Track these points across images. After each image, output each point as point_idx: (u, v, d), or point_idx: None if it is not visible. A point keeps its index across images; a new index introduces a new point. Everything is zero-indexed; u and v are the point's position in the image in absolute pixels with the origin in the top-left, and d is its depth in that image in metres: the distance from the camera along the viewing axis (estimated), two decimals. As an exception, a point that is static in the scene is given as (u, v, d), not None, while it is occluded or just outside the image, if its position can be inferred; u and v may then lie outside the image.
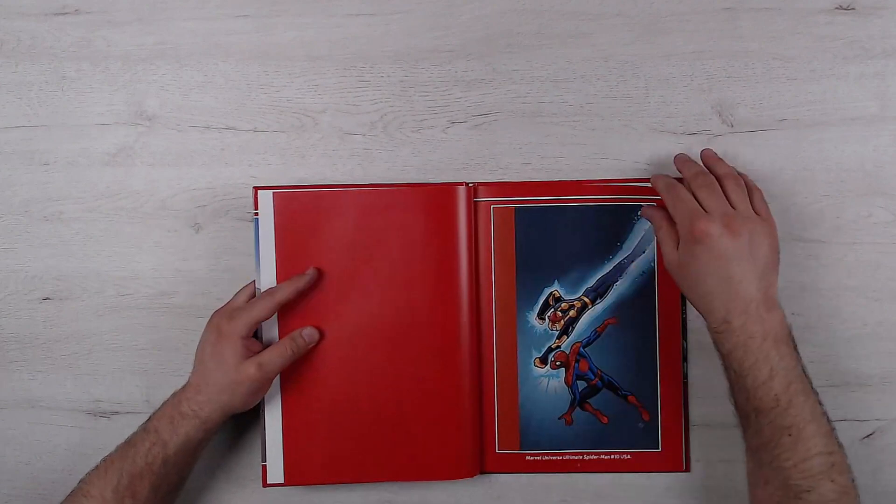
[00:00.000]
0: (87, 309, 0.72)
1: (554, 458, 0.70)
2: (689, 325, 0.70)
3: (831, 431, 0.58)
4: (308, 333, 0.68)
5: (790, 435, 0.57)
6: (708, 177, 0.64)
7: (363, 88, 0.72)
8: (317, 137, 0.72)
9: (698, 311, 0.62)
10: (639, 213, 0.69)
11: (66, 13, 0.72)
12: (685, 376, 0.70)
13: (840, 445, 0.58)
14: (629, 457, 0.70)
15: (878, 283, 0.70)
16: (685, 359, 0.70)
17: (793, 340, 0.60)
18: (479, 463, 0.70)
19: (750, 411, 0.59)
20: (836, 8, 0.70)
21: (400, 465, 0.69)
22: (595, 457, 0.70)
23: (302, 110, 0.72)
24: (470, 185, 0.70)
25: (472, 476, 0.69)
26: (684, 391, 0.70)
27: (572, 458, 0.70)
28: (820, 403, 0.59)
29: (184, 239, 0.72)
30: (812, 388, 0.59)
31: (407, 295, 0.68)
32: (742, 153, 0.70)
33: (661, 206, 0.65)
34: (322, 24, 0.72)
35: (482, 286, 0.70)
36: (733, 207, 0.62)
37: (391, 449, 0.69)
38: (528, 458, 0.70)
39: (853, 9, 0.70)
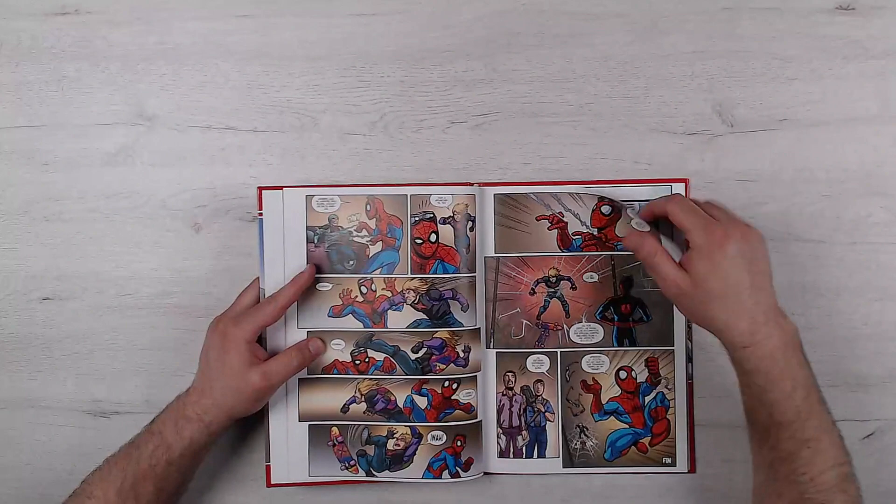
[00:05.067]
0: (87, 309, 0.72)
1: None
2: (693, 325, 0.70)
3: (842, 440, 0.58)
4: (315, 346, 0.68)
5: (809, 447, 0.57)
6: (699, 204, 0.64)
7: (363, 88, 0.72)
8: (317, 137, 0.72)
9: (716, 330, 0.60)
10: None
11: (66, 13, 0.72)
12: (690, 377, 0.70)
13: (848, 454, 0.58)
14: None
15: (878, 283, 0.70)
16: (690, 360, 0.70)
17: (802, 347, 0.60)
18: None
19: (771, 425, 0.58)
20: (836, 8, 0.70)
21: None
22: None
23: (302, 110, 0.72)
24: (474, 184, 0.70)
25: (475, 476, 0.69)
26: (690, 393, 0.70)
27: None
28: (829, 412, 0.59)
29: (184, 239, 0.72)
30: (823, 396, 0.59)
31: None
32: (742, 153, 0.70)
33: (643, 235, 0.63)
34: (322, 24, 0.72)
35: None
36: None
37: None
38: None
39: (853, 9, 0.70)
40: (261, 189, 0.69)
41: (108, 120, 0.72)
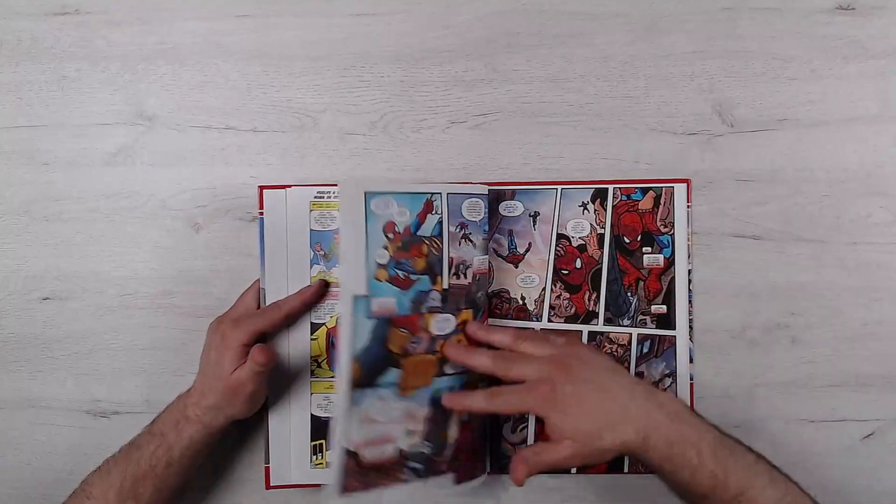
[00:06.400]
0: (87, 309, 0.72)
1: None
2: (695, 325, 0.70)
3: (772, 471, 0.57)
4: (258, 355, 0.63)
5: (740, 502, 0.56)
6: (501, 358, 0.62)
7: (363, 88, 0.72)
8: (317, 137, 0.72)
9: (618, 453, 0.58)
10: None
11: (66, 13, 0.72)
12: (692, 378, 0.70)
13: (787, 479, 0.57)
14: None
15: (878, 283, 0.70)
16: (692, 360, 0.70)
17: (688, 406, 0.60)
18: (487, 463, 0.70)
19: (699, 499, 0.58)
20: (836, 8, 0.70)
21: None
22: None
23: (302, 110, 0.72)
24: (476, 184, 0.69)
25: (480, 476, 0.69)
26: (692, 393, 0.70)
27: None
28: (749, 449, 0.58)
29: (184, 239, 0.72)
30: (731, 438, 0.59)
31: None
32: (742, 153, 0.70)
33: (514, 464, 0.59)
34: (322, 24, 0.72)
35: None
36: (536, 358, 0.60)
37: None
38: None
39: (853, 9, 0.70)
40: (261, 188, 0.69)
41: (108, 120, 0.72)
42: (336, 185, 0.69)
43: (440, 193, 0.64)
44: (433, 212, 0.64)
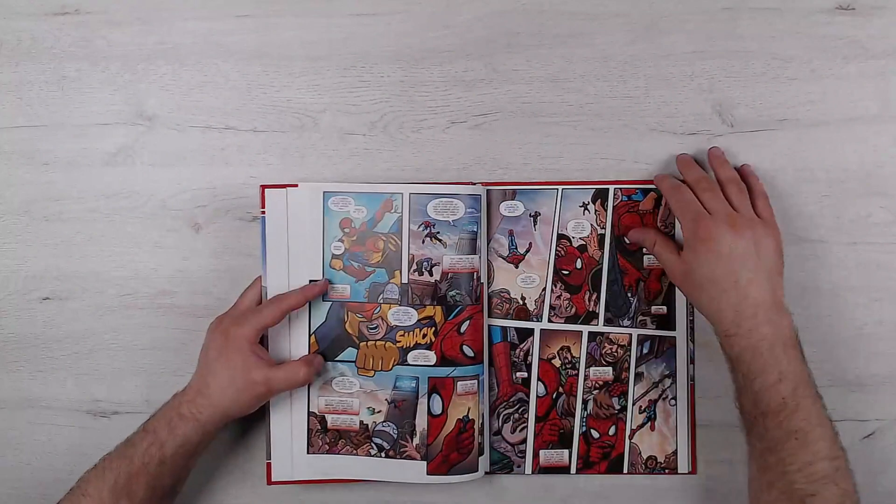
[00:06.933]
0: (87, 309, 0.72)
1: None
2: (695, 325, 0.70)
3: (835, 436, 0.58)
4: (318, 362, 0.67)
5: (797, 439, 0.57)
6: (710, 181, 0.66)
7: (363, 88, 0.72)
8: (317, 137, 0.72)
9: (706, 316, 0.63)
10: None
11: (66, 13, 0.72)
12: (692, 378, 0.70)
13: (843, 450, 0.58)
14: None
15: (878, 283, 0.70)
16: (692, 361, 0.70)
17: (800, 344, 0.61)
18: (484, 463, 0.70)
19: (757, 415, 0.59)
20: (836, 8, 0.70)
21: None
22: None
23: (302, 110, 0.72)
24: (475, 184, 0.70)
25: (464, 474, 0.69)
26: (692, 393, 0.70)
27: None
28: (824, 408, 0.59)
29: (184, 239, 0.72)
30: (817, 393, 0.60)
31: None
32: (742, 153, 0.70)
33: (645, 227, 0.69)
34: (322, 24, 0.72)
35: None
36: (735, 210, 0.64)
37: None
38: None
39: (853, 9, 0.70)
40: (263, 187, 0.69)
41: (108, 120, 0.72)
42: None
43: (401, 193, 0.68)
44: (392, 210, 0.68)
